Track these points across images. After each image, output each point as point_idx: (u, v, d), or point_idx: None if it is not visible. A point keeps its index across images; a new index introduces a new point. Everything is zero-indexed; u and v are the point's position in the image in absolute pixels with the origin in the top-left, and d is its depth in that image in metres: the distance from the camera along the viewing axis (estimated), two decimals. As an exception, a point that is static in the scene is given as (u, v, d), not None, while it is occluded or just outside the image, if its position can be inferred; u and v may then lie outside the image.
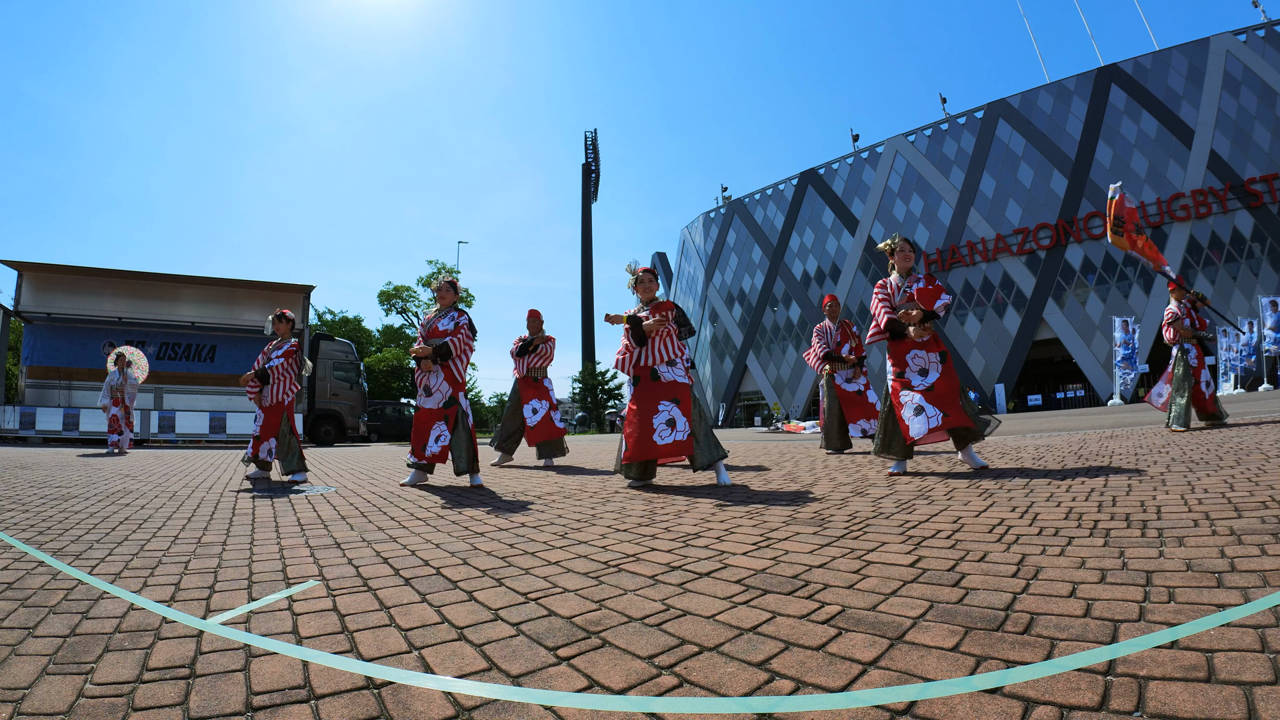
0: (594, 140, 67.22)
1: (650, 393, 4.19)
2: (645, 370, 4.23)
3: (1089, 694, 1.00)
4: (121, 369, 10.56)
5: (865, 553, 2.03)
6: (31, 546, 2.50)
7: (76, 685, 1.19)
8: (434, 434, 4.64)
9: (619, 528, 2.71)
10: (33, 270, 15.48)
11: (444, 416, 4.67)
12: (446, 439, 4.66)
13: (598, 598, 1.68)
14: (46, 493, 4.35)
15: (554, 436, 6.79)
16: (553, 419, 6.80)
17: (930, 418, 3.97)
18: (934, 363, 4.12)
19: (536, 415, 6.75)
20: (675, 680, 1.15)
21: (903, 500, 3.07)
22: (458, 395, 4.74)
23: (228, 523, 3.12)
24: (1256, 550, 1.72)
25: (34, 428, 14.62)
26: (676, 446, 4.07)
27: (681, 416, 4.10)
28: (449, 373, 4.73)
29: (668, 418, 4.10)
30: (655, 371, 4.21)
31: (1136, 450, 4.89)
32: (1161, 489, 2.86)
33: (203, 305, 16.92)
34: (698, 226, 55.16)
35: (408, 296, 39.81)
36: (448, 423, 4.67)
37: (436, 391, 4.70)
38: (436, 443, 4.64)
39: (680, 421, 4.10)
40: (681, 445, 4.08)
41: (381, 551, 2.37)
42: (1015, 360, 36.25)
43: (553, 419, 6.80)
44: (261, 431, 5.47)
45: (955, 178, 39.74)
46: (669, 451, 4.09)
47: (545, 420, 6.73)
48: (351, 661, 1.28)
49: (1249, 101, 31.16)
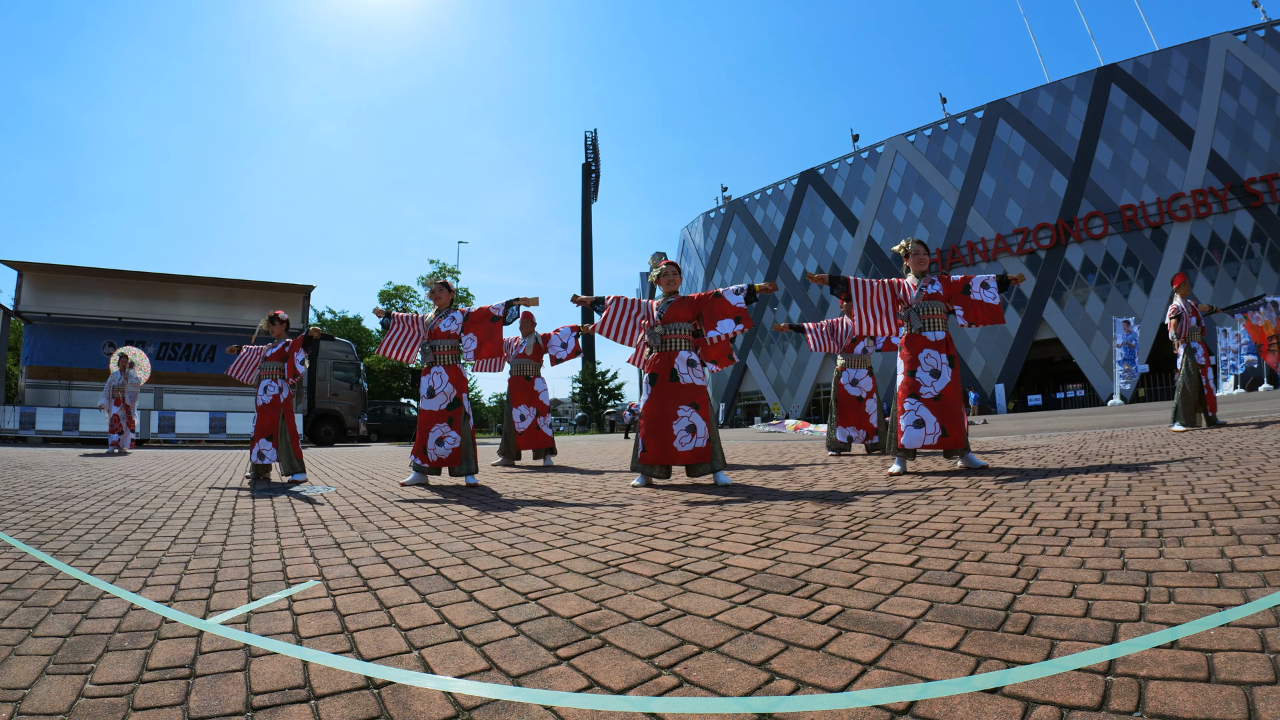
0: (594, 140, 67.24)
1: (669, 394, 4.12)
2: (666, 369, 4.18)
3: (1089, 694, 1.00)
4: (124, 369, 10.57)
5: (865, 553, 2.03)
6: (31, 546, 2.50)
7: (76, 685, 1.19)
8: (434, 435, 4.59)
9: (619, 528, 2.71)
10: (33, 270, 15.48)
11: (448, 418, 4.61)
12: (455, 441, 4.58)
13: (598, 598, 1.68)
14: (46, 493, 4.34)
15: (541, 445, 6.73)
16: (540, 426, 6.73)
17: (929, 434, 3.99)
18: (944, 364, 4.11)
19: (524, 422, 6.72)
20: (675, 680, 1.15)
21: (903, 500, 3.07)
22: (461, 396, 4.69)
23: (228, 523, 3.12)
24: (1256, 550, 1.72)
25: (34, 428, 14.62)
26: (696, 454, 4.04)
27: (702, 422, 4.08)
28: (455, 373, 4.71)
29: (688, 424, 4.06)
30: (676, 372, 4.16)
31: (1136, 450, 4.89)
32: (1161, 489, 2.86)
33: (203, 305, 16.92)
34: (698, 226, 55.17)
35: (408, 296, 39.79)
36: (452, 424, 4.61)
37: (440, 393, 4.65)
38: (442, 445, 4.57)
39: (700, 427, 4.07)
40: (701, 452, 4.05)
41: (381, 551, 2.37)
42: (1015, 360, 36.26)
43: (540, 426, 6.73)
44: (255, 431, 5.47)
45: (955, 178, 39.74)
46: (689, 459, 4.06)
47: (532, 428, 6.70)
48: (351, 661, 1.28)
49: (1249, 101, 31.17)
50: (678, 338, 4.25)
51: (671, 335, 4.25)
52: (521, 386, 6.81)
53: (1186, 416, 6.69)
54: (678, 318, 4.28)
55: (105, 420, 10.66)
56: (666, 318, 4.28)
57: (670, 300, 4.33)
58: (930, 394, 4.06)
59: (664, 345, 4.24)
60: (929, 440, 3.99)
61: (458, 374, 4.72)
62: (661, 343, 4.25)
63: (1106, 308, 33.19)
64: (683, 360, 4.21)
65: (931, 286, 4.26)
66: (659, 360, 4.23)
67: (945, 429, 3.99)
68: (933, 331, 4.20)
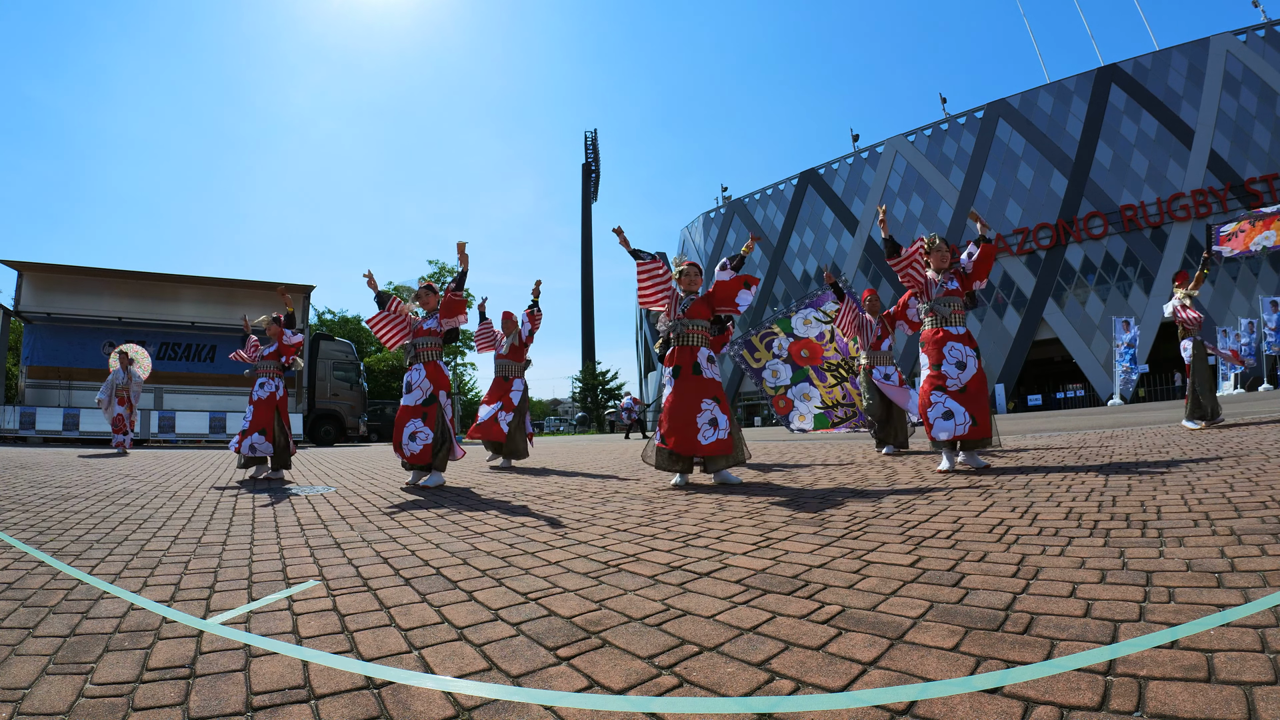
0: (594, 140, 67.23)
1: (694, 387, 4.20)
2: (689, 363, 4.25)
3: (1089, 694, 1.00)
4: (125, 366, 10.55)
5: (865, 553, 2.03)
6: (31, 546, 2.50)
7: (76, 685, 1.19)
8: (408, 431, 4.56)
9: (619, 528, 2.71)
10: (33, 270, 15.49)
11: (423, 414, 4.60)
12: (427, 437, 4.56)
13: (598, 598, 1.68)
14: (46, 493, 4.34)
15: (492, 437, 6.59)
16: (499, 419, 6.62)
17: (959, 424, 4.00)
18: (970, 355, 4.15)
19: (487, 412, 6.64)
20: (675, 680, 1.15)
21: (903, 500, 3.07)
22: (438, 394, 4.70)
23: (228, 523, 3.12)
24: (1256, 550, 1.72)
25: (34, 428, 14.62)
26: (719, 445, 4.09)
27: (723, 415, 4.14)
28: (432, 370, 4.72)
29: (710, 417, 4.11)
30: (699, 365, 4.24)
31: (1136, 450, 4.89)
32: (1161, 489, 2.86)
33: (203, 305, 16.93)
34: (698, 226, 55.15)
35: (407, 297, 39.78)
36: (426, 419, 4.59)
37: (417, 388, 4.66)
38: (414, 441, 4.56)
39: (722, 420, 4.13)
40: (723, 444, 4.09)
41: (381, 551, 2.37)
42: (1015, 360, 36.24)
43: (499, 419, 6.62)
44: (250, 425, 5.52)
45: (955, 178, 39.72)
46: (712, 450, 4.09)
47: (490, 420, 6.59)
48: (351, 661, 1.28)
49: (1249, 101, 31.16)
50: (699, 333, 4.36)
51: (694, 330, 4.35)
52: (499, 386, 6.81)
53: (1198, 411, 6.68)
54: (699, 315, 4.38)
55: (105, 420, 10.65)
56: (690, 313, 4.37)
57: (693, 297, 4.43)
58: (956, 386, 4.08)
59: (687, 339, 4.33)
60: (960, 431, 3.99)
61: (436, 370, 4.74)
62: (685, 336, 4.33)
63: (1106, 308, 33.17)
64: (704, 355, 4.31)
65: (951, 283, 4.36)
66: (682, 354, 4.31)
67: (975, 418, 4.00)
68: (955, 326, 4.27)
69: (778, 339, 7.53)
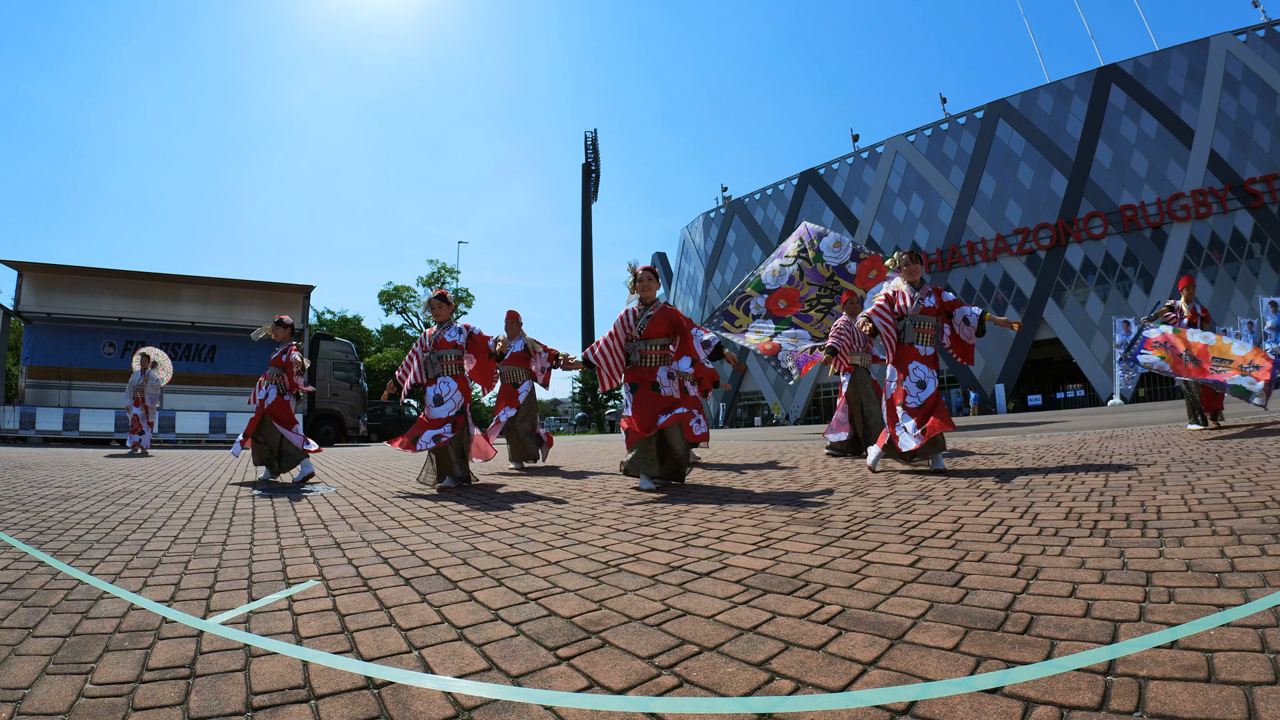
0: (594, 140, 67.25)
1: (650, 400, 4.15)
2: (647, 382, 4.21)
3: (1089, 694, 1.00)
4: (145, 369, 10.61)
5: (865, 553, 2.03)
6: (31, 546, 2.50)
7: (76, 685, 1.19)
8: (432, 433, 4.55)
9: (619, 528, 2.71)
10: (33, 270, 15.48)
11: (451, 422, 4.63)
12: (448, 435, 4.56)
13: (598, 598, 1.68)
14: (46, 493, 4.34)
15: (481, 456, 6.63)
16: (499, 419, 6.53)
17: (916, 437, 4.18)
18: (930, 376, 4.31)
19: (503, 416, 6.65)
20: (675, 680, 1.15)
21: (903, 500, 3.07)
22: (466, 406, 4.75)
23: (228, 523, 3.12)
24: (1256, 550, 1.72)
25: (34, 428, 14.61)
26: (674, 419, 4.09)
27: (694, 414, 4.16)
28: (463, 383, 4.75)
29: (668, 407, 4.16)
30: (657, 384, 4.21)
31: (1136, 450, 4.89)
32: (1161, 489, 2.86)
33: (203, 305, 16.92)
34: (698, 226, 55.15)
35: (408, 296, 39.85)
36: (454, 428, 4.62)
37: (449, 399, 4.68)
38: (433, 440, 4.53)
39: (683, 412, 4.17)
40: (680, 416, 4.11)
41: (381, 551, 2.37)
42: (1015, 360, 36.24)
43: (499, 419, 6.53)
44: (250, 425, 5.53)
45: (955, 178, 39.72)
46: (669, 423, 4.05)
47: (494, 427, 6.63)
48: (351, 661, 1.28)
49: (1249, 101, 31.16)
50: (656, 354, 4.25)
51: (651, 351, 4.25)
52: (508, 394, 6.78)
53: (1198, 413, 6.68)
54: (657, 333, 4.25)
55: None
56: (647, 333, 4.24)
57: (650, 314, 4.27)
58: (915, 403, 4.25)
59: (644, 360, 4.24)
60: (915, 444, 4.15)
61: (465, 384, 4.79)
62: (641, 358, 4.24)
63: (1106, 308, 33.17)
64: (663, 374, 4.24)
65: (928, 300, 4.37)
66: (638, 373, 4.24)
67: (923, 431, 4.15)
68: (924, 346, 4.33)
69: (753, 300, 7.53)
